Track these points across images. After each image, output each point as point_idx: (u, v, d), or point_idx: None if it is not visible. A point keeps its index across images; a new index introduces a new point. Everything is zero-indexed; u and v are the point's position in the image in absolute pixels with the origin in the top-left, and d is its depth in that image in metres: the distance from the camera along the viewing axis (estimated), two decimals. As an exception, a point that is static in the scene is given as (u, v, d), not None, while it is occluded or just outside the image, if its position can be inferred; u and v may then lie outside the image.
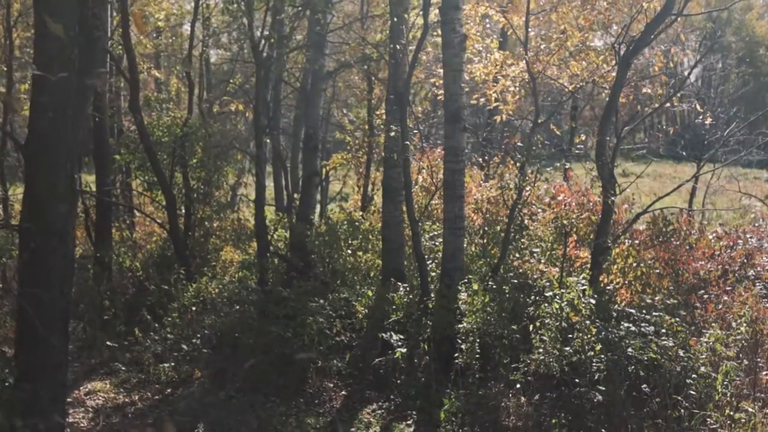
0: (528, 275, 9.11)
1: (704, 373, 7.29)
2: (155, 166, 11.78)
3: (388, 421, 7.93)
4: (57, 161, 5.09)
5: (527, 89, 10.06)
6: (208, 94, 15.70)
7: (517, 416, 7.71)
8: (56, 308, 5.20)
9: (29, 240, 5.12)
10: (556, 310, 8.14)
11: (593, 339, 7.73)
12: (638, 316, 8.01)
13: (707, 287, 9.63)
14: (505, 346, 8.22)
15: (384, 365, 8.64)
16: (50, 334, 5.12)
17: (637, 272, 8.86)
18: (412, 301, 9.25)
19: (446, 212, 9.20)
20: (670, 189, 10.93)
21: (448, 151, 9.15)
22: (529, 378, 7.85)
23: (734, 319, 8.32)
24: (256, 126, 11.25)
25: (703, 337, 7.83)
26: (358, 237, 11.58)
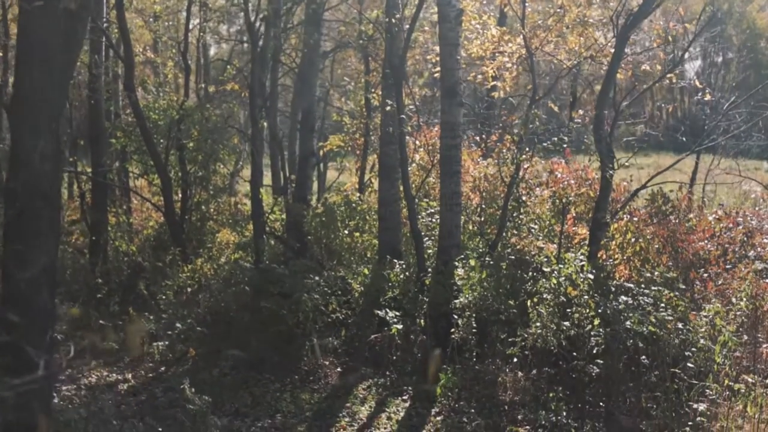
0: (526, 252, 9.02)
1: (703, 346, 7.20)
2: (150, 146, 11.70)
3: (383, 396, 7.85)
4: (42, 121, 4.99)
5: (525, 66, 9.95)
6: (205, 77, 15.57)
7: (514, 391, 7.63)
8: (42, 269, 5.11)
9: (14, 200, 5.03)
10: (554, 285, 8.05)
11: (591, 313, 7.65)
12: (637, 290, 7.91)
13: (707, 267, 9.54)
14: (502, 322, 8.13)
15: (380, 342, 8.55)
16: (35, 294, 5.04)
17: (635, 248, 8.75)
18: (409, 278, 9.15)
19: (443, 188, 9.09)
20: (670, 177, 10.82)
21: (445, 126, 9.05)
22: (526, 352, 7.77)
23: (734, 295, 8.23)
24: (251, 106, 11.15)
25: (703, 311, 7.75)
26: (355, 218, 11.48)
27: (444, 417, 7.30)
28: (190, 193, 13.24)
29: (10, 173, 5.06)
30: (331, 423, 7.32)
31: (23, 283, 4.83)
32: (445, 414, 7.36)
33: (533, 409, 7.28)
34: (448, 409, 7.42)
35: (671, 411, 6.72)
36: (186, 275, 10.56)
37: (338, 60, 15.46)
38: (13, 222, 5.04)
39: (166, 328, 9.38)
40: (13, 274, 4.94)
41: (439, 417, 7.31)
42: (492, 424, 7.10)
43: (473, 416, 7.26)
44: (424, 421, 7.26)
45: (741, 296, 8.03)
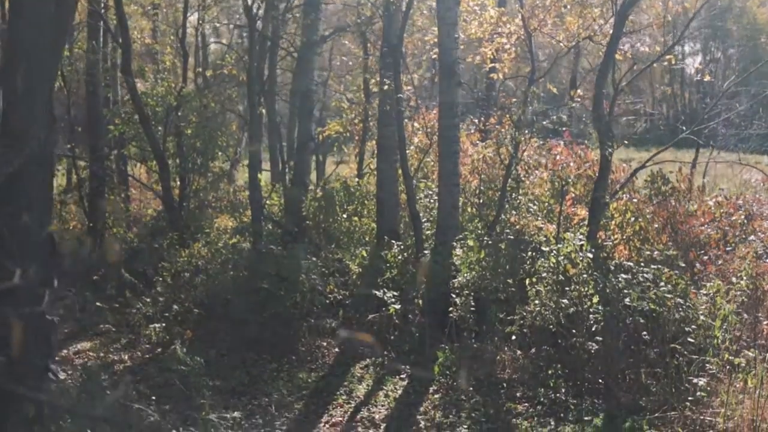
0: (525, 232, 8.96)
1: (703, 323, 7.15)
2: (148, 131, 11.63)
3: (381, 375, 7.79)
4: (35, 83, 4.93)
5: (523, 47, 9.89)
6: (204, 63, 15.48)
7: (512, 369, 7.59)
8: (34, 235, 5.04)
9: (7, 165, 4.97)
10: (553, 264, 8.00)
11: (590, 291, 7.60)
12: (636, 269, 7.85)
13: (706, 249, 9.49)
14: (500, 301, 8.09)
15: (378, 322, 8.50)
16: (27, 261, 4.96)
17: (635, 227, 8.70)
18: (407, 259, 9.10)
19: (441, 168, 9.05)
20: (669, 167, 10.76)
21: (443, 106, 9.00)
22: (525, 330, 7.72)
23: (734, 275, 8.18)
24: (249, 90, 11.09)
25: (703, 290, 7.70)
26: (353, 203, 11.42)
27: (442, 395, 7.25)
28: (189, 181, 13.18)
29: (2, 136, 5.00)
30: (328, 401, 7.27)
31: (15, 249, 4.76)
32: (443, 392, 7.30)
33: (532, 387, 7.24)
34: (446, 387, 7.37)
35: (671, 387, 6.67)
36: (183, 259, 10.49)
37: (337, 47, 15.38)
38: (5, 187, 4.97)
39: (163, 310, 9.33)
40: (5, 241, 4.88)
41: (437, 395, 7.26)
42: (490, 401, 7.05)
43: (471, 394, 7.21)
44: (421, 399, 7.21)
45: (741, 275, 7.99)
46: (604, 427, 6.43)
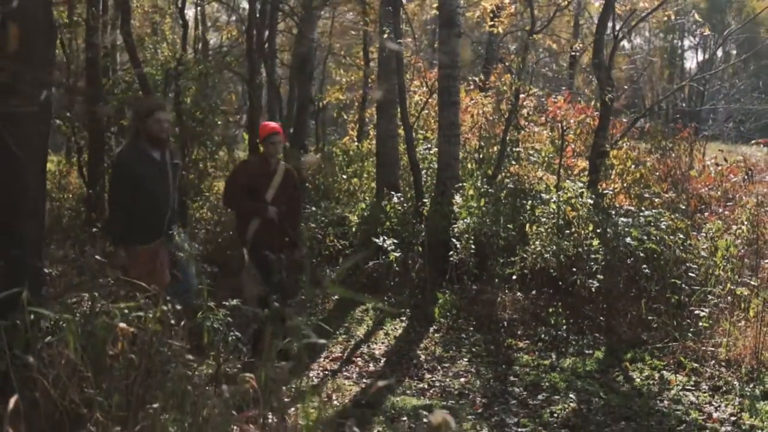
0: (525, 181, 8.94)
1: (704, 263, 7.14)
2: (146, 93, 11.56)
3: (381, 318, 7.76)
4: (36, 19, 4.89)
5: (522, 2, 9.86)
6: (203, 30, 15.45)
7: (513, 310, 7.57)
8: (34, 145, 5.00)
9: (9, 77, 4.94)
10: (553, 210, 7.99)
11: (591, 233, 7.59)
12: (637, 212, 7.84)
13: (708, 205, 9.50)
14: (501, 246, 8.06)
15: (378, 269, 8.47)
16: (25, 171, 4.93)
17: (635, 175, 8.68)
18: (407, 209, 9.07)
19: (441, 119, 9.02)
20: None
21: (443, 56, 8.97)
22: (525, 272, 7.70)
23: (735, 223, 8.17)
24: (248, 50, 11.05)
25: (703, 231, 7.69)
26: (353, 165, 11.40)
27: (442, 334, 7.22)
28: (188, 150, 13.12)
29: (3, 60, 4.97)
30: (327, 339, 7.24)
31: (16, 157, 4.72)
32: (443, 331, 7.28)
33: (532, 326, 7.22)
34: (446, 327, 7.35)
35: (672, 321, 6.65)
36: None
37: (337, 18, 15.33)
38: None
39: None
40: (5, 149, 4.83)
41: (438, 334, 7.24)
42: (491, 339, 7.02)
43: (472, 333, 7.19)
44: (421, 337, 7.18)
45: (742, 219, 7.98)
46: (605, 358, 6.42)
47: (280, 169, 6.15)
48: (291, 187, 6.23)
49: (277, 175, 6.09)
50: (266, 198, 6.03)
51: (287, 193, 6.16)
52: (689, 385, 5.83)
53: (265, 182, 6.04)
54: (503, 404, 5.58)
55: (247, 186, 6.03)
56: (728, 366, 6.10)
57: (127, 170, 5.27)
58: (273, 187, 6.06)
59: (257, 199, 6.00)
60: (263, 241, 5.88)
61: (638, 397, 5.63)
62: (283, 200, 6.09)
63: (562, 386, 5.82)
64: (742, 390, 5.66)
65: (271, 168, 6.10)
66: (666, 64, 43.08)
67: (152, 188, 5.27)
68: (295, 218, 6.35)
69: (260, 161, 6.19)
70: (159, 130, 5.26)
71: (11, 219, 4.84)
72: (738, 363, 6.06)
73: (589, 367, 6.24)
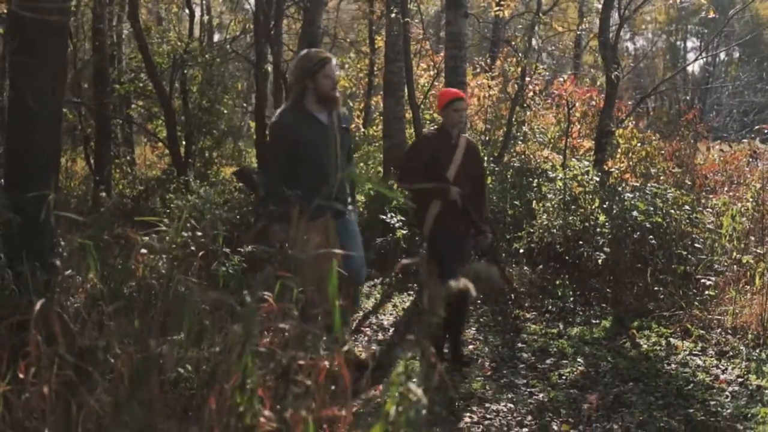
0: (531, 160, 8.99)
1: (709, 237, 7.19)
2: (153, 77, 11.65)
3: (389, 292, 7.81)
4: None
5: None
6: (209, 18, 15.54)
7: (520, 283, 7.61)
8: (48, 108, 5.06)
9: (20, 30, 5.00)
10: (560, 186, 8.04)
11: (597, 209, 7.64)
12: (643, 188, 7.89)
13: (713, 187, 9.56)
14: (508, 222, 8.11)
15: (385, 246, 8.52)
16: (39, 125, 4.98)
17: (641, 153, 8.73)
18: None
19: (448, 99, 9.05)
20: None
21: (449, 37, 9.02)
22: (533, 245, 7.75)
23: (740, 201, 8.23)
24: (256, 36, 11.12)
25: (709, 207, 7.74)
26: (359, 149, 11.46)
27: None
28: (194, 139, 13.20)
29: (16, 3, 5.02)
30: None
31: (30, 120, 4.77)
32: (451, 303, 7.32)
33: (540, 299, 7.27)
34: (454, 300, 7.39)
35: (678, 291, 6.70)
36: (191, 202, 10.50)
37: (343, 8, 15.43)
38: (20, 53, 4.99)
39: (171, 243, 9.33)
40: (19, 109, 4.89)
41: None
42: (499, 310, 7.07)
43: (479, 304, 7.23)
44: (430, 309, 7.21)
45: (747, 197, 8.04)
46: (612, 327, 6.46)
47: (462, 143, 5.34)
48: (474, 163, 5.43)
49: (459, 150, 5.28)
50: (447, 177, 5.21)
51: (470, 171, 5.34)
52: (696, 351, 5.88)
53: (446, 158, 5.23)
54: (512, 368, 5.63)
55: (425, 163, 5.22)
56: (734, 333, 6.15)
57: (288, 135, 4.64)
58: (455, 163, 5.25)
59: (437, 179, 5.17)
60: (445, 228, 5.23)
61: (645, 360, 5.68)
62: (465, 179, 5.26)
63: (570, 351, 5.87)
64: (748, 354, 5.71)
65: (452, 141, 5.30)
66: (668, 66, 43.13)
67: (317, 156, 4.63)
68: (480, 199, 5.47)
69: (440, 134, 5.37)
70: (330, 87, 4.64)
71: (24, 173, 4.90)
72: (744, 330, 6.11)
73: (597, 334, 6.29)
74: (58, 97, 5.24)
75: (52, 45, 5.09)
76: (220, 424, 2.10)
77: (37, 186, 5.14)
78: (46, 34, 5.07)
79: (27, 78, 5.06)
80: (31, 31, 5.03)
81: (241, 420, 2.09)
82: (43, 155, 5.15)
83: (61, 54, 5.22)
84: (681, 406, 4.84)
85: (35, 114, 5.04)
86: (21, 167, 5.14)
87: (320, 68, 4.60)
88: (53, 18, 5.12)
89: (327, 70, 4.60)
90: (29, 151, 5.11)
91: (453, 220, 5.21)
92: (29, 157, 5.08)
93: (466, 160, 5.29)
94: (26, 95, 4.79)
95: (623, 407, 4.80)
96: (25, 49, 5.04)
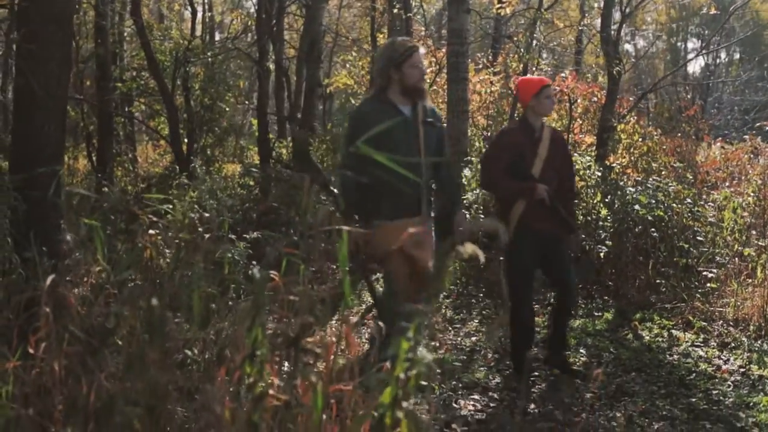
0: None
1: (710, 231, 7.21)
2: (156, 74, 11.68)
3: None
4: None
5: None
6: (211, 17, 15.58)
7: (522, 277, 7.61)
8: (54, 95, 5.09)
9: (27, 22, 5.03)
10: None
11: (599, 203, 7.66)
12: (644, 182, 7.91)
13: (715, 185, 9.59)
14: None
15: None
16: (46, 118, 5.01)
17: (643, 148, 8.75)
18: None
19: (449, 95, 9.10)
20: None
21: (452, 33, 9.06)
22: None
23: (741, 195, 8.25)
24: (258, 33, 11.16)
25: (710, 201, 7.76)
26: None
27: (453, 299, 7.30)
28: (196, 137, 13.24)
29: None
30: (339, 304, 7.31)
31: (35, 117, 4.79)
32: (453, 297, 7.36)
33: (542, 292, 7.28)
34: (456, 294, 7.43)
35: (680, 283, 6.72)
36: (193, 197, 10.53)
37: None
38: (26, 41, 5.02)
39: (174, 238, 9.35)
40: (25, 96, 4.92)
41: (448, 299, 7.31)
42: (501, 303, 7.08)
43: (482, 298, 7.27)
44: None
45: (749, 192, 8.06)
46: (614, 319, 6.49)
47: (546, 135, 4.90)
48: (561, 156, 4.97)
49: (543, 143, 4.85)
50: (533, 173, 4.80)
51: (558, 165, 4.89)
52: (698, 342, 5.90)
53: (530, 154, 4.81)
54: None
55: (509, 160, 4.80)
56: (736, 325, 6.18)
57: (366, 125, 4.19)
58: (540, 158, 4.82)
59: (521, 176, 4.78)
60: (528, 228, 4.77)
61: (648, 351, 5.70)
62: (552, 174, 4.83)
63: (573, 342, 5.89)
64: (750, 345, 5.74)
65: (535, 134, 4.87)
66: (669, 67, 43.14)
67: (396, 151, 3.97)
68: (569, 195, 5.03)
69: (522, 128, 4.92)
70: (417, 78, 4.28)
71: (31, 162, 4.92)
72: (746, 321, 6.13)
73: (599, 326, 6.31)
74: (63, 86, 5.27)
75: (56, 34, 5.13)
76: (230, 394, 2.12)
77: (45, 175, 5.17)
78: (51, 24, 5.11)
79: (33, 65, 5.09)
80: (36, 21, 5.07)
81: (251, 390, 2.11)
82: (48, 142, 5.18)
83: (65, 44, 5.26)
84: (683, 395, 4.85)
85: (41, 101, 5.07)
86: (27, 154, 5.16)
87: (407, 58, 4.28)
88: (57, 8, 5.16)
89: (414, 60, 4.29)
90: (35, 137, 5.14)
91: (539, 220, 4.77)
92: (35, 144, 5.11)
93: (552, 154, 4.85)
94: (32, 82, 4.82)
95: (626, 396, 4.83)
96: (30, 38, 5.07)
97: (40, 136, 5.11)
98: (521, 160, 4.76)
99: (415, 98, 4.30)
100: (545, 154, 4.82)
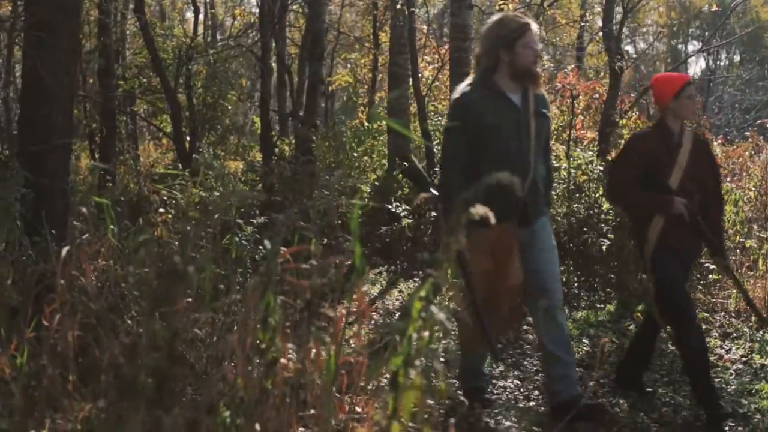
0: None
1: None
2: (159, 72, 11.72)
3: (394, 279, 7.87)
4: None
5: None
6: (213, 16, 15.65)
7: (524, 270, 7.65)
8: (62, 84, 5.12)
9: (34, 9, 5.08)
10: (564, 175, 8.10)
11: (601, 197, 7.69)
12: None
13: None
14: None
15: (391, 234, 8.58)
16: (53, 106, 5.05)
17: (645, 143, 8.77)
18: (419, 179, 9.19)
19: (453, 90, 9.13)
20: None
21: (454, 28, 9.11)
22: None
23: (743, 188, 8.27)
24: (261, 30, 11.20)
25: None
26: (364, 142, 11.53)
27: (455, 292, 7.31)
28: (198, 135, 13.27)
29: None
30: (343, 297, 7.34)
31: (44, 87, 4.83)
32: (455, 290, 7.37)
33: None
34: (459, 287, 7.44)
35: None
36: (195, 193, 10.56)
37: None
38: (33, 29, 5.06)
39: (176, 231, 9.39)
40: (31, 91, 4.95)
41: (451, 292, 7.33)
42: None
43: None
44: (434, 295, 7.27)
45: (750, 186, 8.09)
46: (616, 311, 6.52)
47: (687, 140, 4.20)
48: (705, 165, 4.25)
49: (684, 149, 4.15)
50: (670, 184, 4.11)
51: (700, 174, 4.20)
52: (700, 332, 5.92)
53: (668, 162, 4.12)
54: (517, 348, 5.69)
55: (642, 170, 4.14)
56: (738, 316, 6.22)
57: (470, 117, 3.73)
58: (679, 167, 4.11)
59: (657, 187, 4.12)
60: (670, 247, 4.17)
61: (650, 341, 5.72)
62: (694, 185, 4.15)
63: (576, 333, 5.92)
64: (752, 336, 5.77)
65: (674, 139, 4.17)
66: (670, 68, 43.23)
67: (505, 145, 3.76)
68: (716, 210, 4.33)
69: (657, 132, 4.23)
70: (530, 60, 3.74)
71: (38, 150, 4.96)
72: (748, 313, 6.16)
73: (602, 317, 6.35)
74: (71, 75, 5.31)
75: (64, 24, 5.17)
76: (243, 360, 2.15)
77: (50, 160, 5.22)
78: (60, 14, 5.15)
79: (41, 53, 5.13)
80: (45, 10, 5.11)
81: (264, 356, 2.14)
82: (56, 131, 5.22)
83: (73, 33, 5.30)
84: (685, 383, 4.87)
85: (49, 88, 5.11)
86: (35, 141, 5.20)
87: (520, 36, 3.70)
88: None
89: (528, 39, 3.70)
90: (42, 125, 5.18)
91: (680, 238, 4.15)
92: (43, 132, 5.14)
93: (694, 162, 4.15)
94: (40, 70, 4.86)
95: (629, 384, 4.85)
96: (38, 27, 5.11)
97: (48, 123, 5.15)
98: (657, 170, 4.13)
99: (526, 83, 3.78)
100: (685, 162, 4.12)
